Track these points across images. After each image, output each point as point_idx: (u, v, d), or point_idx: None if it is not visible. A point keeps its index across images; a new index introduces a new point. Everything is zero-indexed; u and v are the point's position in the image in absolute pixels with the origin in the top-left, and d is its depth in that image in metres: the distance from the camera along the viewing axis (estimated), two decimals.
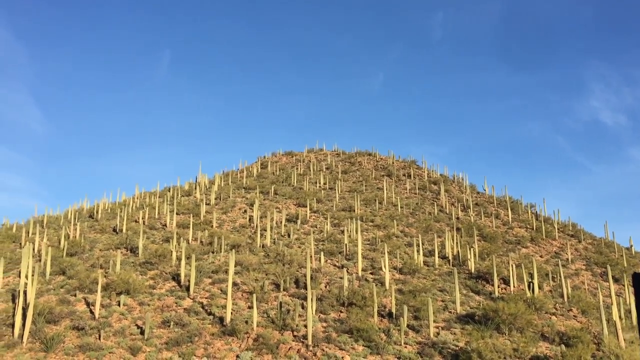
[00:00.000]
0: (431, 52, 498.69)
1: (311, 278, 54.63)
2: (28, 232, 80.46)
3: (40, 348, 40.77)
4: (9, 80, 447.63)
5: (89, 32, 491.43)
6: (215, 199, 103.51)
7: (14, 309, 46.69)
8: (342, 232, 79.45)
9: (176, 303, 49.91)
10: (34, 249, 67.87)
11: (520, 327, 44.97)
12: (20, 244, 76.09)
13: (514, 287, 58.69)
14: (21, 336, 42.23)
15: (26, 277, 48.00)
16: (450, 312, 50.23)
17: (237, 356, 39.35)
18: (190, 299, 51.19)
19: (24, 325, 42.78)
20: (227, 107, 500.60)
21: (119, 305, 49.05)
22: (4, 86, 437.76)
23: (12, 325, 43.89)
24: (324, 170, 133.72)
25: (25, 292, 46.23)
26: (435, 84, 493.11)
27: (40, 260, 64.19)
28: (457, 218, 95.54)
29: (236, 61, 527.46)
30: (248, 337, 42.38)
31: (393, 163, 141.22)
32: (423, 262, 66.77)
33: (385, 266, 57.88)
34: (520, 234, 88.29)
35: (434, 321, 45.32)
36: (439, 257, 69.01)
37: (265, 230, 76.97)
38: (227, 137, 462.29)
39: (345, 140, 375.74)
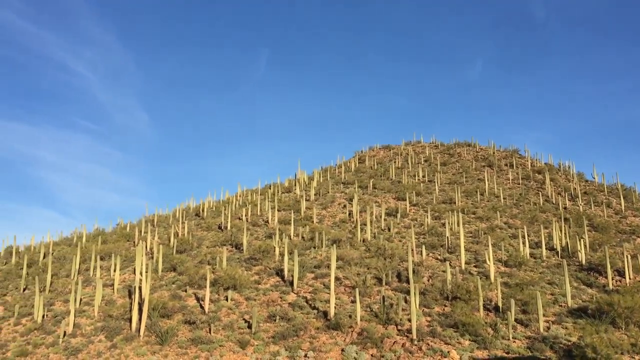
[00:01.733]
0: (533, 35, 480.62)
1: (413, 272, 54.17)
2: (140, 231, 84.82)
3: (156, 341, 42.87)
4: (120, 87, 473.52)
5: (190, 36, 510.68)
6: (315, 194, 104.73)
7: (131, 304, 49.40)
8: (443, 224, 78.20)
9: (281, 298, 50.96)
10: (146, 247, 71.44)
11: (638, 322, 42.50)
12: (134, 242, 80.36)
13: (629, 279, 55.52)
14: (138, 330, 44.61)
15: (140, 273, 50.66)
16: (561, 305, 48.21)
17: (342, 350, 39.66)
18: (294, 293, 52.10)
19: (140, 319, 45.16)
20: (323, 103, 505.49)
21: (226, 300, 50.71)
22: (116, 93, 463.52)
23: (130, 320, 46.45)
24: (423, 162, 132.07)
25: (140, 288, 48.81)
26: (537, 68, 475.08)
27: (152, 258, 67.52)
28: (565, 208, 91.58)
29: (332, 57, 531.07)
30: (352, 331, 42.60)
31: (494, 153, 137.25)
32: (529, 254, 64.49)
33: (489, 259, 56.41)
34: (635, 223, 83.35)
35: (544, 315, 43.65)
36: (546, 248, 66.43)
37: (365, 225, 77.04)
38: (324, 133, 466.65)
39: (444, 132, 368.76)
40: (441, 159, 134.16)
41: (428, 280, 54.82)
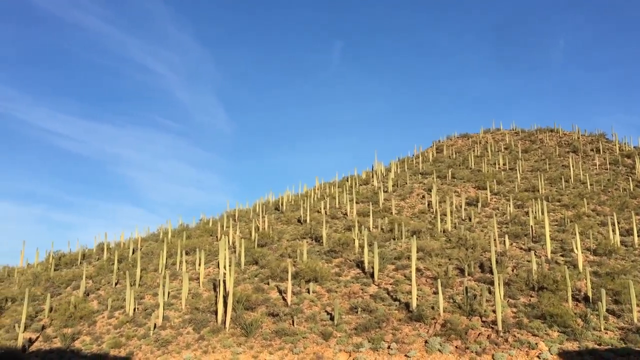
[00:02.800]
0: (618, 10, 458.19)
1: (496, 262, 52.94)
2: (222, 226, 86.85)
3: (241, 333, 43.84)
4: (198, 85, 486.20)
5: (264, 32, 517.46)
6: (393, 186, 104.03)
7: (216, 297, 50.70)
8: (527, 213, 75.97)
9: (362, 289, 50.97)
10: (228, 242, 73.09)
11: None
12: (217, 237, 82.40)
13: None
14: (224, 322, 45.75)
15: (224, 267, 51.86)
16: None
17: (426, 342, 39.26)
18: (375, 285, 51.98)
19: (225, 312, 46.30)
20: (399, 94, 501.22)
21: (308, 292, 51.21)
22: (195, 91, 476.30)
23: (215, 312, 47.68)
24: (503, 150, 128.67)
25: (224, 282, 50.02)
26: (625, 45, 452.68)
27: (235, 252, 69.01)
28: None
29: (405, 46, 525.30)
30: (435, 323, 42.10)
31: (578, 138, 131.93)
32: (620, 242, 61.67)
33: (577, 247, 54.32)
34: None
35: (638, 305, 41.67)
36: (638, 236, 63.31)
37: (445, 215, 75.88)
38: (400, 124, 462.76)
39: (524, 118, 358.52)
40: (522, 145, 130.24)
41: (512, 271, 53.43)
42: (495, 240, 62.67)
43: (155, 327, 47.38)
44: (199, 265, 61.67)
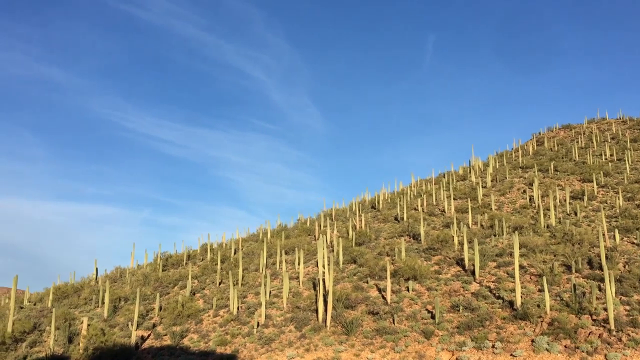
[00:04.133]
0: None
1: (606, 258, 50.36)
2: (320, 225, 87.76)
3: (342, 331, 44.12)
4: (292, 87, 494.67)
5: (354, 30, 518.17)
6: (492, 181, 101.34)
7: (316, 295, 51.31)
8: (638, 206, 71.82)
9: (463, 287, 49.98)
10: (326, 241, 73.76)
11: None
12: (315, 236, 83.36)
13: None
14: (324, 320, 46.21)
15: (323, 266, 52.41)
16: None
17: (532, 341, 37.94)
18: (477, 283, 50.82)
19: (326, 310, 46.75)
20: (494, 86, 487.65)
21: (408, 290, 50.81)
22: (289, 93, 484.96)
23: (316, 311, 48.26)
24: (609, 140, 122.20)
25: (323, 280, 50.54)
26: None
27: (333, 251, 69.56)
28: None
29: (500, 36, 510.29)
30: (542, 321, 40.59)
31: None
32: None
33: None
34: None
35: None
36: None
37: (549, 210, 73.01)
38: (497, 117, 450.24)
39: (632, 106, 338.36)
40: (631, 135, 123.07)
41: (624, 267, 50.65)
42: (604, 235, 59.64)
43: (258, 325, 48.57)
44: (298, 264, 62.64)
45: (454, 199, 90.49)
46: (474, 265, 52.99)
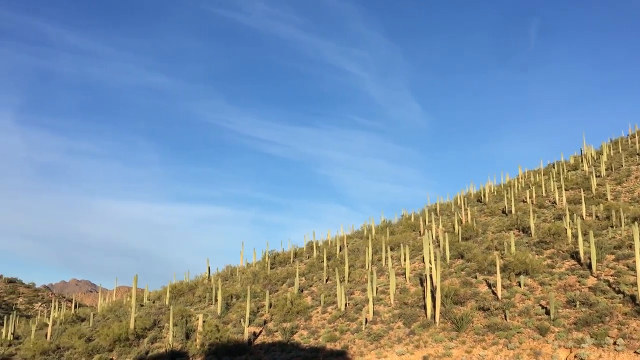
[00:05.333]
0: None
1: None
2: (425, 221, 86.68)
3: (452, 328, 43.37)
4: (391, 81, 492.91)
5: (452, 18, 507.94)
6: (606, 169, 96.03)
7: (423, 291, 50.77)
8: None
9: (579, 282, 47.69)
10: (432, 236, 72.78)
11: None
12: (420, 231, 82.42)
13: None
14: (433, 317, 45.62)
15: (429, 262, 51.76)
16: None
17: None
18: (594, 277, 48.33)
19: (434, 306, 46.13)
20: (605, 70, 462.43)
21: (519, 285, 49.18)
22: (387, 87, 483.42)
23: (424, 307, 47.74)
24: None
25: (430, 276, 49.89)
26: None
27: (439, 246, 68.52)
28: None
29: (611, 17, 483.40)
30: None
31: None
32: None
33: None
34: None
35: None
36: None
37: None
38: (609, 102, 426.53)
39: None
40: None
41: None
42: None
43: (366, 321, 48.68)
44: (404, 260, 62.17)
45: (565, 189, 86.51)
46: (590, 258, 50.43)
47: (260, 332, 53.72)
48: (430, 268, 51.02)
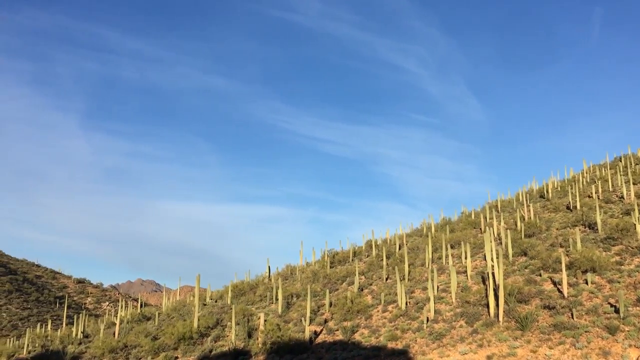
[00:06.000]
0: None
1: None
2: (485, 218, 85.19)
3: (516, 327, 42.44)
4: (448, 77, 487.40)
5: (512, 12, 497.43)
6: None
7: (486, 290, 49.86)
8: None
9: None
10: (493, 233, 71.47)
11: None
12: (480, 229, 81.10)
13: None
14: (496, 315, 44.76)
15: (491, 259, 50.81)
16: None
17: None
18: None
19: (497, 305, 45.26)
20: None
21: (586, 283, 47.73)
22: (446, 83, 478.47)
23: (487, 306, 46.90)
24: None
25: (492, 274, 48.97)
26: None
27: (500, 243, 67.21)
28: None
29: None
30: None
31: None
32: None
33: None
34: None
35: None
36: None
37: None
38: None
39: None
40: None
41: None
42: None
43: (427, 320, 48.21)
44: (465, 258, 61.27)
45: (634, 183, 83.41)
46: None
47: (321, 331, 53.95)
48: (493, 266, 50.07)
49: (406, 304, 54.05)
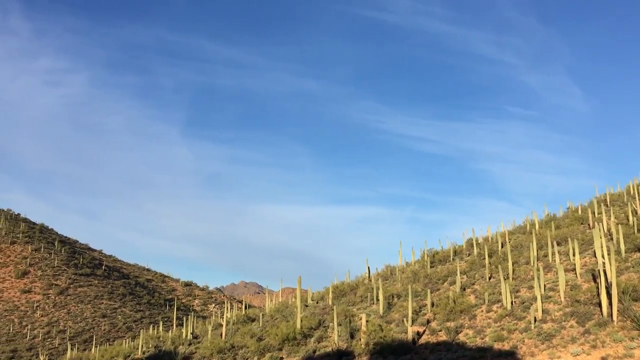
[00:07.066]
0: None
1: None
2: (594, 212, 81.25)
3: (632, 327, 40.25)
4: (546, 67, 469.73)
5: None
6: None
7: (597, 288, 47.59)
8: None
9: None
10: (603, 229, 68.06)
11: None
12: (588, 224, 77.45)
13: None
14: (610, 315, 42.59)
15: (602, 256, 48.44)
16: None
17: None
18: None
19: (610, 304, 43.06)
20: None
21: None
22: (545, 73, 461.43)
23: (599, 304, 44.71)
24: None
25: (604, 272, 46.63)
26: None
27: (611, 239, 63.91)
28: None
29: None
30: None
31: None
32: None
33: None
34: None
35: None
36: None
37: None
38: None
39: None
40: None
41: None
42: None
43: (535, 320, 46.59)
44: (573, 255, 58.70)
45: None
46: None
47: (424, 331, 53.37)
48: (604, 263, 47.70)
49: (512, 303, 52.46)
